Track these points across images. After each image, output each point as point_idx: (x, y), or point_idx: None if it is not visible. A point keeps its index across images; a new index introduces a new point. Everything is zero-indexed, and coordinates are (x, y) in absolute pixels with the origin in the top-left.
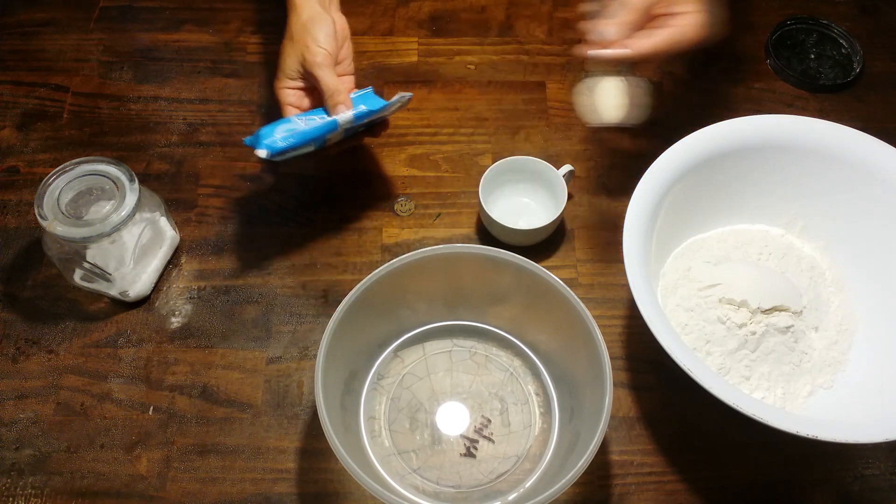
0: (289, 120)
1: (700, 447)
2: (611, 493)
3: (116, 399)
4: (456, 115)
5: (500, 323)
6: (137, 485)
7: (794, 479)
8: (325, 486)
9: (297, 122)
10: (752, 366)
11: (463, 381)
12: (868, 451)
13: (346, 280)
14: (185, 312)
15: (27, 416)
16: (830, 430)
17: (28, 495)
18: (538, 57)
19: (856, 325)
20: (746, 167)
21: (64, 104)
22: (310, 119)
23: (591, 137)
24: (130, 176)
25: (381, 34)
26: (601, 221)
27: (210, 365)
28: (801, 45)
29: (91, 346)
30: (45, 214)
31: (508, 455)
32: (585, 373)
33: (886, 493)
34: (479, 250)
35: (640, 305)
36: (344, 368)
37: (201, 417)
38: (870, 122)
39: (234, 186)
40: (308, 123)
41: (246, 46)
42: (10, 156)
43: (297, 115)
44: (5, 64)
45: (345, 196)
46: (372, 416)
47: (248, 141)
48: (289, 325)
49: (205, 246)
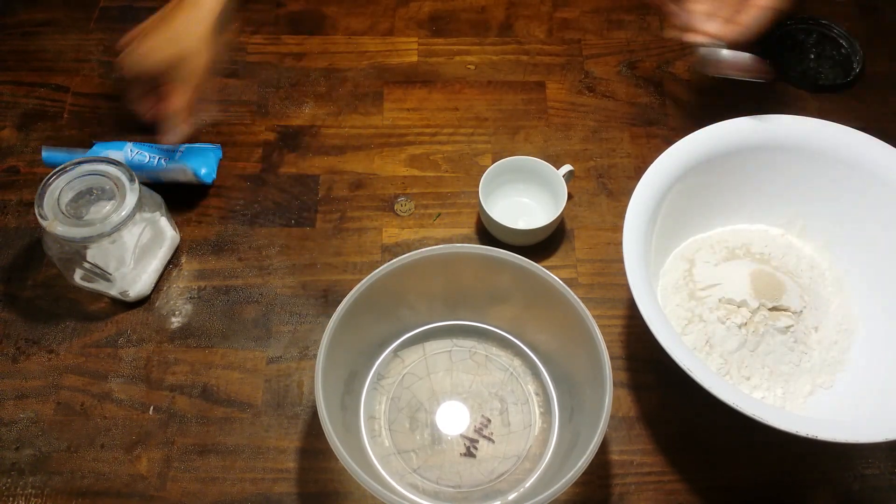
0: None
1: (700, 447)
2: (611, 493)
3: (116, 399)
4: (456, 115)
5: (500, 323)
6: (137, 484)
7: (794, 479)
8: (325, 486)
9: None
10: (752, 366)
11: (463, 380)
12: (868, 451)
13: (346, 280)
14: (185, 312)
15: (27, 415)
16: (830, 429)
17: (28, 495)
18: (538, 57)
19: (856, 324)
20: (746, 167)
21: (64, 104)
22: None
23: (592, 137)
24: (130, 176)
25: (381, 34)
26: (601, 221)
27: (210, 365)
28: (801, 45)
29: (91, 345)
30: (45, 214)
31: (508, 455)
32: (585, 373)
33: (886, 493)
34: (479, 250)
35: (640, 305)
36: (344, 368)
37: (201, 417)
38: (870, 122)
39: (234, 186)
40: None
41: (246, 46)
42: (10, 156)
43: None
44: (5, 64)
45: (345, 196)
46: (372, 415)
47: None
48: (289, 325)
49: (205, 246)
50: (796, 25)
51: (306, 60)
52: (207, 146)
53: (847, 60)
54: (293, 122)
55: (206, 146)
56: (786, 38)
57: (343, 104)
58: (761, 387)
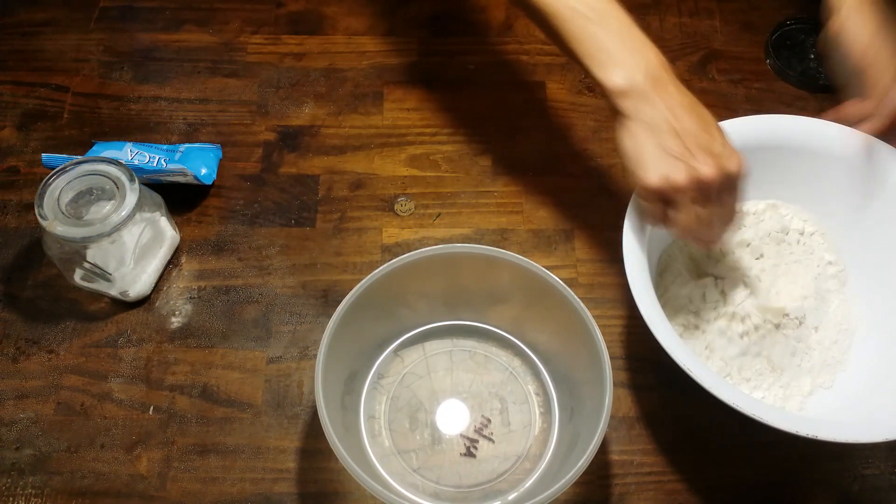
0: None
1: (700, 447)
2: (611, 493)
3: (116, 399)
4: (456, 115)
5: (500, 323)
6: (137, 485)
7: (794, 479)
8: (325, 486)
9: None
10: (752, 366)
11: (463, 380)
12: (868, 450)
13: (346, 280)
14: (185, 312)
15: (27, 415)
16: (830, 429)
17: (28, 495)
18: (538, 57)
19: (856, 324)
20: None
21: (64, 104)
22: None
23: (592, 137)
24: (130, 176)
25: (381, 34)
26: (601, 221)
27: (210, 365)
28: (801, 45)
29: (91, 345)
30: (45, 214)
31: (508, 455)
32: (585, 373)
33: (886, 493)
34: (479, 250)
35: (640, 305)
36: (344, 368)
37: (201, 417)
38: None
39: (234, 186)
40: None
41: (246, 46)
42: (10, 156)
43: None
44: (5, 64)
45: (345, 196)
46: (372, 415)
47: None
48: (289, 325)
49: (205, 246)
50: (796, 25)
51: (306, 60)
52: (207, 146)
53: None
54: (293, 122)
55: (206, 146)
56: (786, 38)
57: (343, 104)
58: (761, 387)
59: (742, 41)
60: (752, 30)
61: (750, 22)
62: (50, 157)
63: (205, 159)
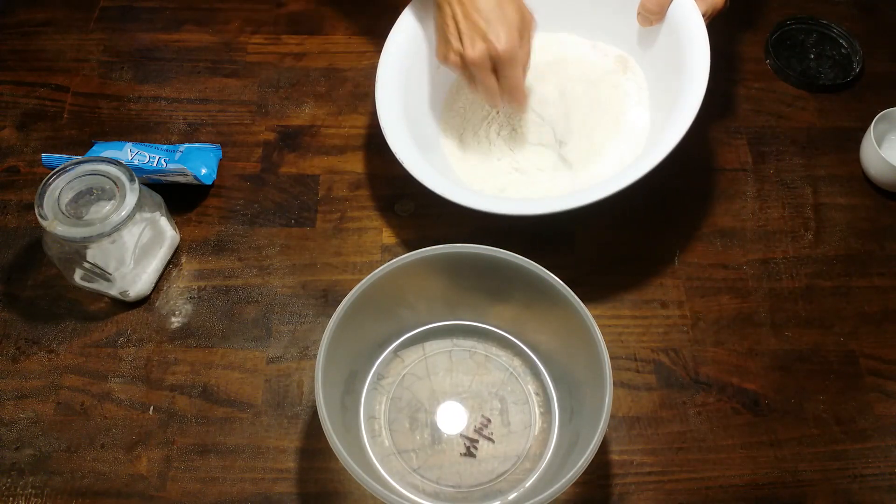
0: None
1: (700, 447)
2: (611, 492)
3: (116, 399)
4: None
5: (500, 323)
6: (137, 484)
7: (793, 479)
8: (325, 486)
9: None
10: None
11: (463, 380)
12: (867, 450)
13: (346, 280)
14: (185, 312)
15: (27, 415)
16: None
17: (28, 495)
18: None
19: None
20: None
21: (64, 104)
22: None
23: None
24: (130, 176)
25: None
26: (601, 221)
27: (210, 365)
28: (801, 45)
29: (91, 345)
30: (45, 214)
31: (508, 455)
32: (585, 373)
33: (886, 493)
34: (479, 250)
35: (386, 133)
36: (344, 368)
37: (201, 417)
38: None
39: (234, 186)
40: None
41: (246, 46)
42: (10, 156)
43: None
44: (5, 64)
45: (345, 196)
46: (372, 415)
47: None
48: (289, 325)
49: (205, 246)
50: (796, 25)
51: (306, 60)
52: (207, 146)
53: (847, 60)
54: (293, 122)
55: (206, 146)
56: (786, 38)
57: (343, 104)
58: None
59: (742, 41)
60: (751, 30)
61: (750, 22)
62: (50, 157)
63: (205, 159)
